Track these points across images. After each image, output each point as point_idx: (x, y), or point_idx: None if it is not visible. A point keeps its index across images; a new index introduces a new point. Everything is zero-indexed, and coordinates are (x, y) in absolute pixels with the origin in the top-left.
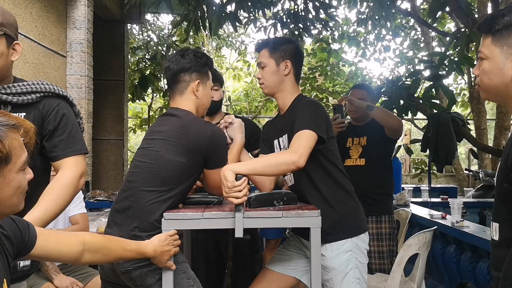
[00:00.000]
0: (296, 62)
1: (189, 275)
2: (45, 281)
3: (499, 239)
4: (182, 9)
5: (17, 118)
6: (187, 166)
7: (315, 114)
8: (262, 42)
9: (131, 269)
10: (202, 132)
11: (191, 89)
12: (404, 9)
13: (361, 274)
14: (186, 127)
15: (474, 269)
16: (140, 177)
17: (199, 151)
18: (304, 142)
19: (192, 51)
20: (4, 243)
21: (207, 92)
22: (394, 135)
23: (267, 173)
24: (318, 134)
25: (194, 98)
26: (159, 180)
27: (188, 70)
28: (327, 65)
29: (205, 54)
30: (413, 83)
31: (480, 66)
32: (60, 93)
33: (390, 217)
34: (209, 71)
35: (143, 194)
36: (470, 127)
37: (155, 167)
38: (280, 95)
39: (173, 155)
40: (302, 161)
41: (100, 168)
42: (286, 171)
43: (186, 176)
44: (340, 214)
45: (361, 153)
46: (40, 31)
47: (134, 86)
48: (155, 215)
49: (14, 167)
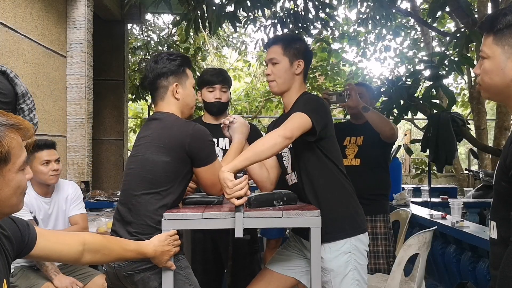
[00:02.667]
0: (307, 61)
1: (191, 281)
2: (45, 281)
3: (497, 237)
4: (182, 9)
5: (17, 117)
6: (173, 165)
7: (315, 105)
8: (274, 38)
9: (134, 273)
10: (184, 130)
11: (170, 93)
12: (404, 9)
13: (361, 275)
14: (168, 127)
15: (474, 269)
16: (131, 183)
17: (183, 149)
18: (293, 120)
19: (166, 54)
20: (4, 243)
21: (188, 92)
22: (387, 139)
23: (260, 156)
24: (311, 120)
25: (175, 101)
26: (148, 183)
27: (164, 75)
28: (327, 65)
29: (180, 55)
30: (413, 83)
31: (481, 65)
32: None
33: (385, 217)
34: (187, 71)
35: (136, 199)
36: (470, 127)
37: (142, 171)
38: (287, 94)
39: (157, 155)
40: (288, 131)
41: (100, 168)
42: (277, 147)
43: (174, 176)
44: (339, 213)
45: (357, 153)
46: (40, 31)
47: (135, 86)
48: (152, 218)
49: (13, 167)
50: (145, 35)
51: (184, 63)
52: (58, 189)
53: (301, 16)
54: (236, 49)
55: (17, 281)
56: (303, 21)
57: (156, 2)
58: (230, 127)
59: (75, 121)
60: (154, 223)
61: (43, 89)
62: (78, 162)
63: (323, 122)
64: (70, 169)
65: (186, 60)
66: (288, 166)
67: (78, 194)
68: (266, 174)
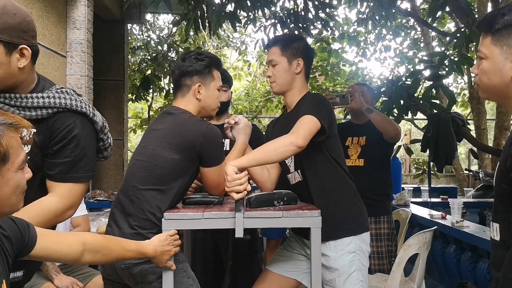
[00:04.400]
0: (307, 60)
1: (189, 275)
2: (45, 281)
3: (500, 239)
4: (182, 9)
5: (15, 117)
6: (182, 163)
7: (319, 104)
8: (273, 39)
9: (132, 265)
10: (197, 129)
11: (192, 92)
12: (404, 9)
13: (364, 276)
14: (181, 124)
15: (474, 269)
16: (138, 175)
17: (194, 148)
18: (304, 125)
19: (195, 53)
20: (4, 243)
21: (211, 94)
22: (391, 140)
23: (268, 160)
24: (320, 121)
25: (196, 101)
26: (155, 178)
27: (189, 74)
28: (327, 65)
29: (209, 55)
30: (413, 83)
31: (479, 65)
32: (78, 109)
33: (388, 218)
34: (213, 72)
35: (141, 192)
36: (470, 127)
37: (151, 165)
38: (289, 94)
39: (167, 152)
40: (300, 140)
41: (100, 168)
42: (286, 154)
43: (181, 174)
44: (344, 211)
45: (360, 153)
46: (40, 31)
47: (135, 86)
48: (154, 214)
49: (12, 166)
50: (145, 35)
51: (212, 64)
52: None
53: (301, 16)
54: (236, 49)
55: None
56: (303, 21)
57: (156, 2)
58: (233, 127)
59: None
60: (156, 219)
61: None
62: None
63: (329, 121)
64: None
65: (214, 61)
66: (291, 165)
67: None
68: (267, 174)
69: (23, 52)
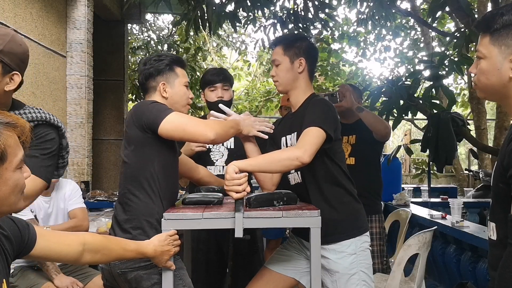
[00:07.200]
0: (311, 59)
1: (185, 283)
2: (45, 280)
3: (496, 239)
4: (182, 9)
5: (12, 116)
6: (138, 151)
7: (326, 112)
8: (276, 39)
9: (127, 271)
10: (131, 111)
11: (158, 92)
12: (404, 9)
13: (368, 275)
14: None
15: (474, 269)
16: (121, 182)
17: (133, 127)
18: (311, 139)
19: (155, 56)
20: (4, 243)
21: (177, 90)
22: (381, 138)
23: (271, 169)
24: (326, 132)
25: (163, 99)
26: (129, 179)
27: (152, 75)
28: (327, 65)
29: (169, 55)
30: (413, 83)
31: (477, 65)
32: (54, 123)
33: (379, 217)
34: (176, 69)
35: (128, 197)
36: (470, 127)
37: (122, 168)
38: (293, 93)
39: (123, 151)
40: (307, 156)
41: (100, 168)
42: (289, 167)
43: (146, 156)
44: (342, 215)
45: (351, 152)
46: (40, 31)
47: (135, 86)
48: (144, 213)
49: (10, 166)
50: (145, 35)
51: (173, 62)
52: (58, 188)
53: (301, 16)
54: (236, 49)
55: (17, 281)
56: (303, 21)
57: (156, 2)
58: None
59: (75, 121)
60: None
61: (43, 89)
62: (78, 162)
63: (334, 126)
64: (70, 169)
65: (175, 59)
66: None
67: (76, 190)
68: (269, 175)
69: (14, 77)
